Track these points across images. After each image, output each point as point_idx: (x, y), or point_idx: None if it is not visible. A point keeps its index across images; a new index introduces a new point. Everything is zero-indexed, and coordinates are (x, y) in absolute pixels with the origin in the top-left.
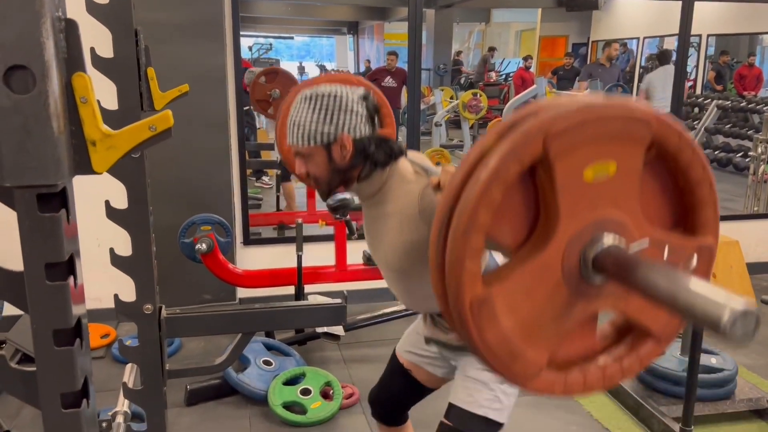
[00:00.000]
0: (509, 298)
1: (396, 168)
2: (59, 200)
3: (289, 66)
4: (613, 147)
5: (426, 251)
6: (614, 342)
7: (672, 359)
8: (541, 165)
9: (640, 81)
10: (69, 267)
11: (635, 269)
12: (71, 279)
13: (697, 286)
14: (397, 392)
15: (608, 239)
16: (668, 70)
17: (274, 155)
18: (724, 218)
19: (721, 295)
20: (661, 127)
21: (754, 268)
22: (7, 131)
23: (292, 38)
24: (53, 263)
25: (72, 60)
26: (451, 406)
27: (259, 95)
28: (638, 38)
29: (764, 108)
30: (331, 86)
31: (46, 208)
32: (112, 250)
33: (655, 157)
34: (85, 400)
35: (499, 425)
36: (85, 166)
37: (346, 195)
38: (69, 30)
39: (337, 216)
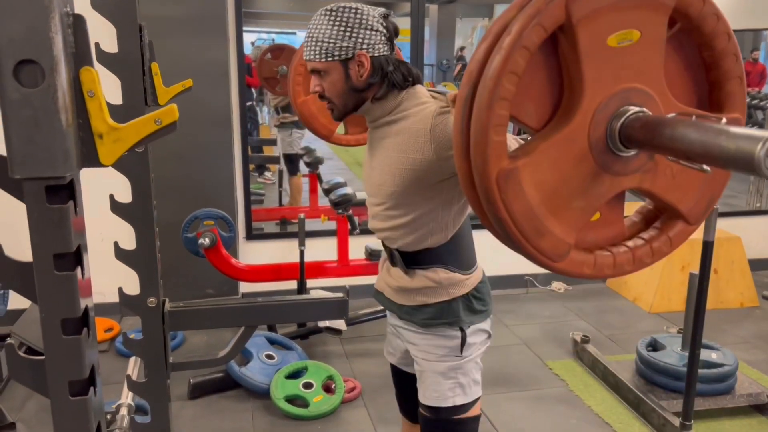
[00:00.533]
0: (536, 171)
1: (412, 90)
2: (67, 192)
3: None
4: (636, 14)
5: (424, 174)
6: (642, 228)
7: (672, 354)
8: (563, 32)
9: None
10: (76, 258)
11: (664, 127)
12: (79, 269)
13: (726, 128)
14: (405, 390)
15: (635, 109)
16: None
17: (276, 151)
18: (727, 214)
19: (752, 132)
20: None
21: (756, 265)
22: (17, 124)
23: (294, 34)
24: (61, 254)
25: (79, 54)
26: (422, 405)
27: (267, 73)
28: None
29: None
30: (352, 2)
31: (55, 199)
32: (116, 244)
33: (680, 30)
34: (92, 388)
35: (473, 402)
36: (92, 159)
37: (348, 190)
38: (77, 25)
39: (340, 211)
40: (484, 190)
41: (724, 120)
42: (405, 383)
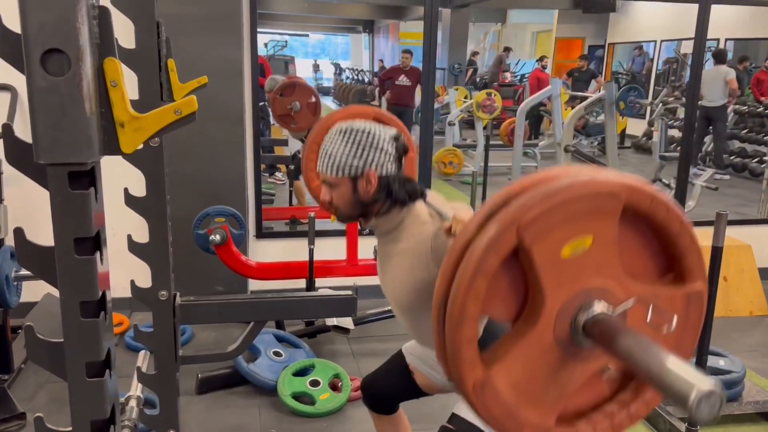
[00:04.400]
0: (509, 373)
1: (413, 208)
2: (89, 178)
3: (304, 63)
4: (586, 224)
5: (433, 291)
6: (621, 387)
7: None
8: (519, 251)
9: (656, 85)
10: (96, 243)
11: (616, 340)
12: (98, 254)
13: (671, 363)
14: (393, 387)
15: (596, 307)
16: (720, 70)
17: (287, 151)
18: (738, 222)
19: (691, 375)
20: (632, 195)
21: (767, 274)
22: (44, 110)
23: (307, 36)
24: (82, 238)
25: (104, 45)
26: (454, 415)
27: (281, 110)
28: (655, 41)
29: None
30: (366, 123)
31: (77, 185)
32: (129, 237)
33: (632, 216)
34: (108, 371)
35: None
36: (113, 147)
37: None
38: (102, 17)
39: None
40: (463, 395)
41: (675, 320)
42: (402, 382)
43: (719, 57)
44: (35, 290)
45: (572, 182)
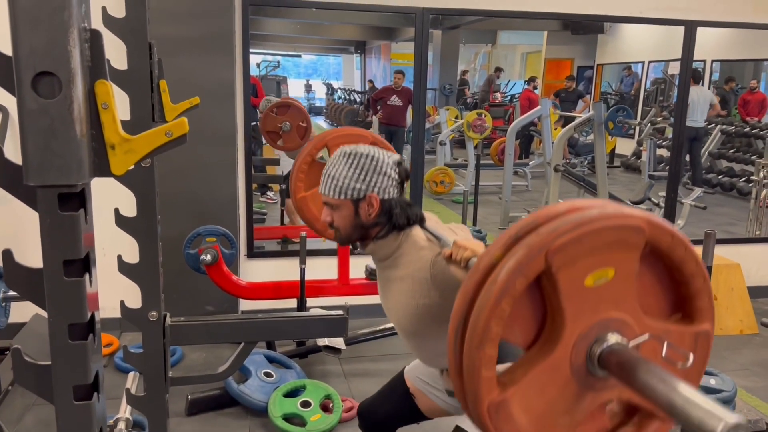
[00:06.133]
0: (524, 397)
1: (410, 233)
2: (78, 200)
3: (297, 83)
4: (610, 255)
5: (437, 314)
6: (623, 421)
7: None
8: (545, 276)
9: (644, 105)
10: (85, 265)
11: (636, 372)
12: (87, 276)
13: (693, 395)
14: (393, 412)
15: (611, 338)
16: (699, 91)
17: (279, 170)
18: (727, 241)
19: (716, 408)
20: (654, 231)
21: (756, 292)
22: (34, 133)
23: (299, 56)
24: (71, 260)
25: (95, 68)
26: (458, 427)
27: (270, 127)
28: (643, 62)
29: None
30: (369, 147)
31: (67, 207)
32: (119, 257)
33: (650, 252)
34: (96, 394)
35: None
36: (104, 169)
37: None
38: (93, 40)
39: None
40: (476, 417)
41: (691, 358)
42: (403, 406)
43: (694, 77)
44: (24, 311)
45: (601, 213)
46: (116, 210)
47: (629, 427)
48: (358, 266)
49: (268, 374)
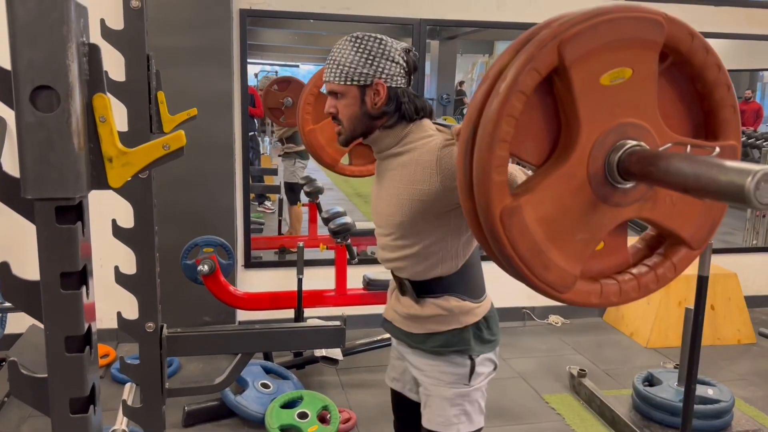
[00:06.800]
0: (538, 207)
1: (419, 123)
2: (76, 213)
3: None
4: (627, 53)
5: (431, 204)
6: (647, 255)
7: (669, 389)
8: (557, 74)
9: None
10: (82, 277)
11: (659, 161)
12: (84, 289)
13: (718, 161)
14: (404, 418)
15: (631, 143)
16: None
17: (276, 180)
18: (723, 251)
19: (743, 165)
20: (673, 28)
21: (753, 302)
22: (32, 146)
23: (297, 66)
24: (68, 273)
25: (93, 81)
26: (424, 430)
27: (272, 103)
28: None
29: (764, 143)
30: (377, 33)
31: (64, 220)
32: (116, 268)
33: (672, 64)
34: (92, 407)
35: (477, 431)
36: (101, 182)
37: (347, 220)
38: (92, 54)
39: (339, 240)
40: (489, 228)
41: (717, 150)
42: (406, 411)
43: None
44: (20, 322)
45: (617, 5)
46: (113, 221)
47: (655, 258)
48: (356, 277)
49: (265, 385)
